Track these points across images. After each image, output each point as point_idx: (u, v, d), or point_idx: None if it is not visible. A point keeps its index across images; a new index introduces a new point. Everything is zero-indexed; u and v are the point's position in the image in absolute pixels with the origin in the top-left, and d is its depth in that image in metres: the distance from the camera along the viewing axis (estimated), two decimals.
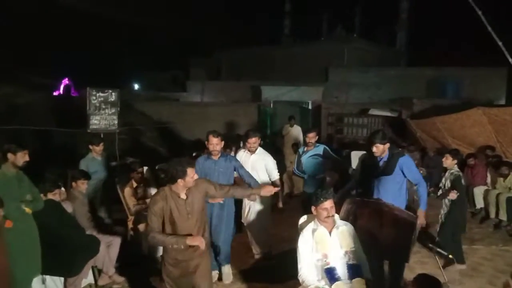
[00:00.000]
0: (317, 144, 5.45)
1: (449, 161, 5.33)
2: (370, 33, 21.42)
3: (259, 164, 4.84)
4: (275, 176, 4.94)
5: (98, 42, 22.23)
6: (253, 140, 4.78)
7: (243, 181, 4.47)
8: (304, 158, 5.43)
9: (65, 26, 20.49)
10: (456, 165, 5.38)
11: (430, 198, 6.94)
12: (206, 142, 4.37)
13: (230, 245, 4.54)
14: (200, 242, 3.02)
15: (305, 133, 5.71)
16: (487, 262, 5.04)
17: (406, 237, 3.42)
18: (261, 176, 4.79)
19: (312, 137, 5.39)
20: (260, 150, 4.92)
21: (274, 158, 5.23)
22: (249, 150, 4.86)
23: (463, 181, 5.22)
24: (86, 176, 4.69)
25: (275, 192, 3.99)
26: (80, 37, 21.58)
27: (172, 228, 3.07)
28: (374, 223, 3.52)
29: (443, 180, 5.21)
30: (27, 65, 15.63)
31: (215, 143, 4.27)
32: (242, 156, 4.94)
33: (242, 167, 4.48)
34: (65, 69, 17.43)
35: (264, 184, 4.31)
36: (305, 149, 5.50)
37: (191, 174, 3.04)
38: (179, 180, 3.01)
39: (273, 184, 4.70)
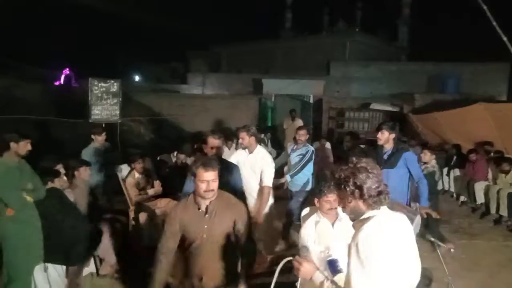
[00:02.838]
0: (307, 144, 5.30)
1: (427, 157, 5.51)
2: (372, 28, 21.35)
3: (256, 165, 4.23)
4: (266, 182, 4.20)
5: (99, 33, 22.13)
6: (240, 135, 4.19)
7: None
8: (292, 156, 5.28)
9: (66, 17, 20.39)
10: (434, 160, 5.55)
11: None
12: (204, 146, 3.77)
13: None
14: None
15: (296, 130, 5.40)
16: (487, 256, 5.06)
17: None
18: (258, 180, 4.23)
19: (302, 134, 5.20)
20: (258, 149, 4.31)
21: (275, 151, 5.15)
22: (242, 148, 4.28)
23: (436, 177, 5.63)
24: (87, 163, 4.70)
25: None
26: (81, 29, 21.49)
27: (188, 249, 2.51)
28: None
29: None
30: (27, 56, 15.56)
31: (217, 145, 3.56)
32: (239, 155, 4.33)
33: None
34: (66, 60, 17.37)
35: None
36: (295, 147, 5.31)
37: (202, 177, 2.44)
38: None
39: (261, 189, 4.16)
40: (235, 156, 4.37)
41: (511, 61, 4.95)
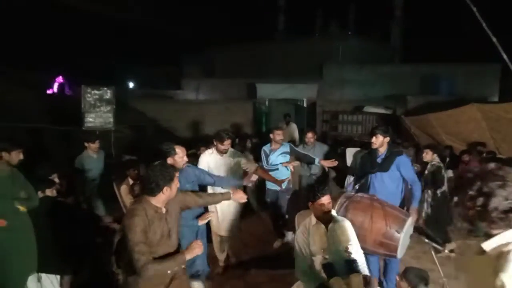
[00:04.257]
0: (283, 143, 5.43)
1: (429, 156, 5.63)
2: (365, 30, 21.46)
3: (232, 165, 4.50)
4: (253, 166, 4.57)
5: (92, 40, 22.08)
6: (228, 142, 4.37)
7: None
8: (273, 157, 5.35)
9: (59, 23, 20.32)
10: (437, 157, 5.65)
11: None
12: (170, 159, 3.59)
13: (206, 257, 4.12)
14: (199, 248, 2.61)
15: (271, 130, 5.55)
16: None
17: (396, 232, 3.45)
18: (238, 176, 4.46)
19: (280, 134, 5.34)
20: (231, 150, 4.56)
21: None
22: (221, 152, 4.43)
23: (443, 171, 5.62)
24: (81, 171, 4.71)
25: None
26: (74, 35, 21.42)
27: (154, 253, 2.53)
28: (365, 218, 3.55)
29: (425, 172, 5.54)
30: (19, 62, 15.47)
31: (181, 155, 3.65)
32: (212, 158, 4.47)
33: (205, 173, 4.01)
34: (59, 67, 17.29)
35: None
36: (272, 147, 5.41)
37: (176, 181, 2.65)
38: (165, 189, 2.55)
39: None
40: (206, 161, 4.46)
41: (502, 62, 5.01)
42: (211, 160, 4.44)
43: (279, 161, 5.31)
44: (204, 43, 22.57)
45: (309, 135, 6.05)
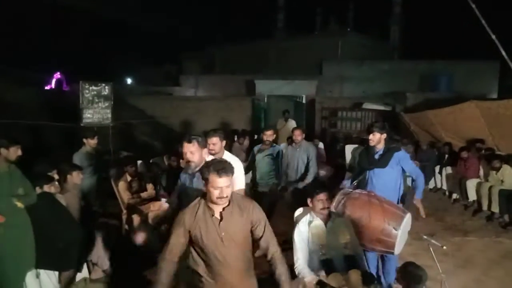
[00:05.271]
0: (274, 144, 5.29)
1: None
2: (364, 27, 21.45)
3: None
4: (240, 185, 4.02)
5: (90, 36, 22.00)
6: (213, 141, 3.85)
7: None
8: (259, 157, 5.23)
9: (57, 21, 20.25)
10: None
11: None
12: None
13: None
14: None
15: (262, 130, 5.44)
16: (480, 253, 5.10)
17: (394, 229, 3.45)
18: None
19: (269, 135, 5.20)
20: (227, 154, 4.13)
21: None
22: (210, 154, 3.95)
23: None
24: (79, 167, 4.68)
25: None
26: (72, 32, 21.35)
27: (204, 255, 2.38)
28: (363, 215, 3.55)
29: None
30: (17, 60, 15.43)
31: (191, 151, 3.09)
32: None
33: None
34: (57, 63, 17.25)
35: None
36: (261, 147, 5.27)
37: (216, 184, 2.27)
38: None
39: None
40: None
41: (501, 60, 5.02)
42: None
43: (264, 162, 5.18)
44: (204, 40, 22.54)
45: (296, 132, 5.66)
